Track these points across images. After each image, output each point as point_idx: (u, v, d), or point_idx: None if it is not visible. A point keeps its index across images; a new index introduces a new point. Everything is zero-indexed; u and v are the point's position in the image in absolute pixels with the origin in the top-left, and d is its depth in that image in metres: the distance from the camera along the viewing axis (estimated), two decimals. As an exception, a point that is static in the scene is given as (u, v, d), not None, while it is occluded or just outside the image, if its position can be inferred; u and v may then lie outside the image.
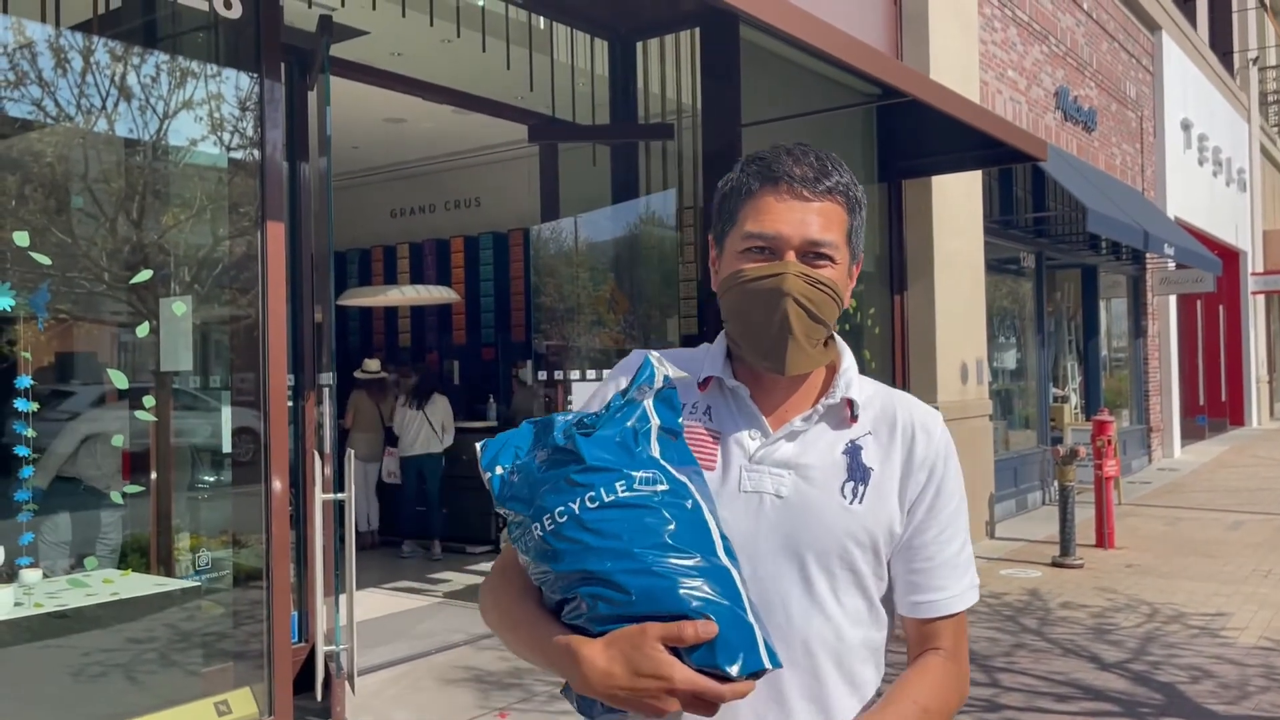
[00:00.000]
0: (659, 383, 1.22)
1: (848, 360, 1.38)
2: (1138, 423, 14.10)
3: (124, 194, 4.22)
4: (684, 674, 1.08)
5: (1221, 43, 18.77)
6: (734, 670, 1.08)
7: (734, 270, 1.31)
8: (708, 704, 1.10)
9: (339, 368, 4.80)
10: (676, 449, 1.21)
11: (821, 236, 1.28)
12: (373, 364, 8.37)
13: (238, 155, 4.23)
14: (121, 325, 4.10)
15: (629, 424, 1.18)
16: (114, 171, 4.25)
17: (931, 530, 1.34)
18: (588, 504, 1.12)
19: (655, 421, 1.20)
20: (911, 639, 1.37)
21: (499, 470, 1.20)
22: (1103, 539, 8.07)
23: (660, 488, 1.14)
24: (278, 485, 3.92)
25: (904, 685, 1.31)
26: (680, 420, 1.24)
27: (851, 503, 1.30)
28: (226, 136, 4.27)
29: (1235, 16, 19.64)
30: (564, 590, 1.15)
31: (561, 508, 1.12)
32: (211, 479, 4.32)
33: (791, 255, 1.28)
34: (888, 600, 1.36)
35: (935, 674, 1.32)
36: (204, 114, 4.17)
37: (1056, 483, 7.78)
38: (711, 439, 1.33)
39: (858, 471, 1.32)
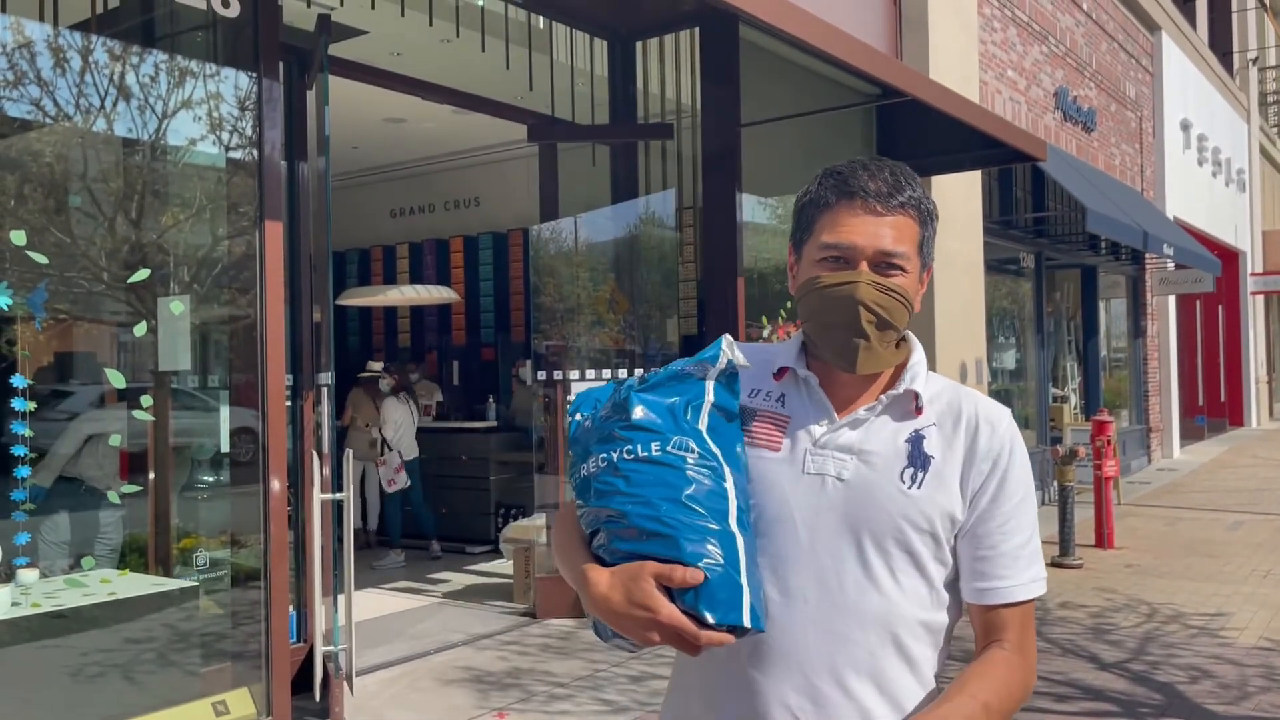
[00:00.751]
0: (722, 364, 1.36)
1: (917, 356, 1.46)
2: (1137, 423, 14.09)
3: (122, 193, 4.22)
4: (668, 611, 1.22)
5: (1221, 43, 18.77)
6: (710, 618, 1.22)
7: (811, 276, 1.40)
8: (688, 644, 1.24)
9: (338, 368, 4.79)
10: (726, 428, 1.35)
11: (894, 248, 1.37)
12: (376, 365, 8.36)
13: (236, 155, 4.23)
14: (120, 325, 4.09)
15: (684, 397, 1.33)
16: (112, 171, 4.24)
17: (995, 520, 1.39)
18: (624, 455, 1.29)
19: (710, 399, 1.34)
20: (978, 630, 1.42)
21: (577, 417, 1.38)
22: (1102, 539, 8.07)
23: (691, 455, 1.29)
24: (276, 485, 3.91)
25: (965, 680, 1.33)
26: (740, 403, 1.38)
27: (910, 488, 1.37)
28: (225, 136, 4.26)
29: (1235, 17, 19.65)
30: (592, 524, 1.32)
31: (604, 454, 1.30)
32: (210, 478, 4.32)
33: (864, 265, 1.36)
34: (954, 586, 1.42)
35: (998, 669, 1.36)
36: (202, 113, 4.17)
37: (1056, 483, 7.77)
38: (782, 424, 1.43)
39: (918, 459, 1.39)
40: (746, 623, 1.24)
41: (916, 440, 1.39)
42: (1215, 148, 16.88)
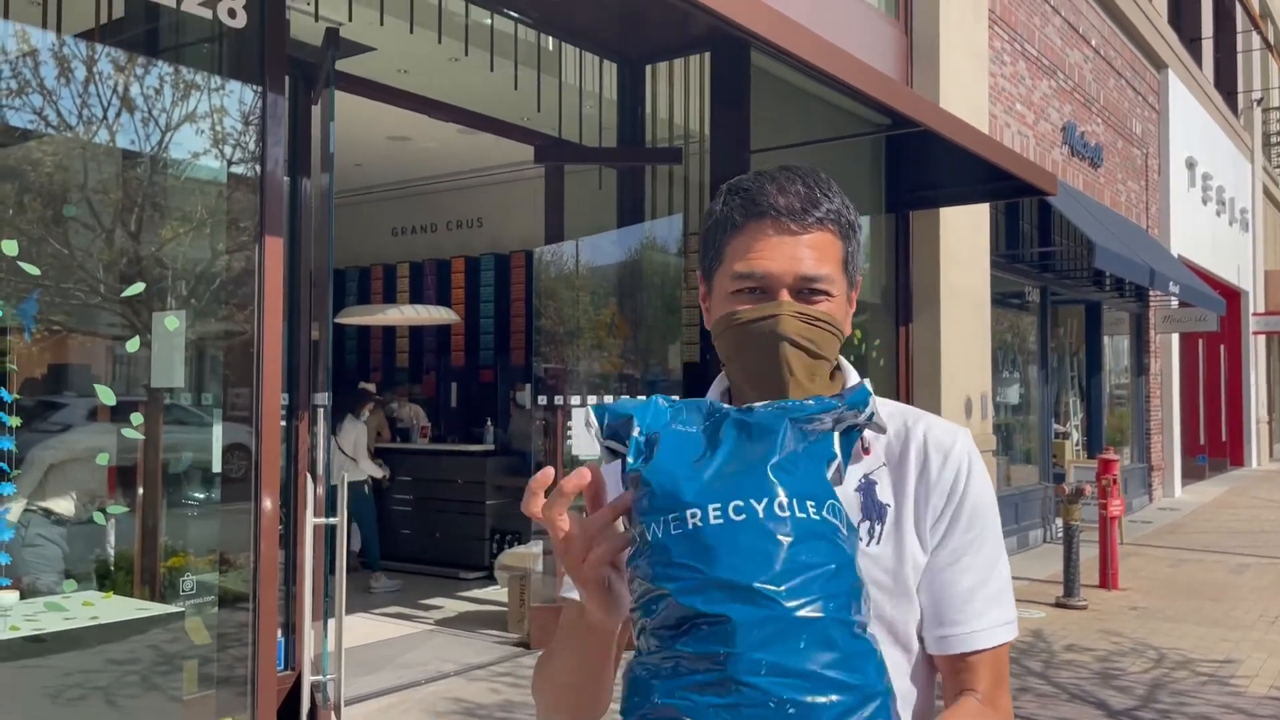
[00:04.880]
0: (864, 416, 0.97)
1: (854, 380, 1.29)
2: (1139, 461, 13.99)
3: (122, 205, 4.13)
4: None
5: (1226, 82, 18.83)
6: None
7: (727, 312, 1.23)
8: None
9: (334, 387, 4.68)
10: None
11: (816, 271, 1.21)
12: (368, 386, 8.25)
13: (238, 169, 4.15)
14: (114, 338, 4.00)
15: (818, 448, 0.94)
16: (112, 182, 4.16)
17: (947, 557, 1.23)
18: (777, 510, 0.86)
19: (839, 460, 0.96)
20: (946, 680, 1.25)
21: (635, 433, 0.93)
22: (1106, 580, 7.94)
23: (843, 526, 0.91)
24: (268, 507, 3.80)
25: None
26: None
27: (870, 544, 1.20)
28: (228, 150, 4.18)
29: (1240, 57, 19.72)
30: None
31: (741, 502, 0.86)
32: (200, 496, 4.20)
33: (785, 293, 1.20)
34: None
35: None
36: (205, 126, 4.09)
37: (1059, 521, 7.66)
38: None
39: (873, 509, 1.22)
40: None
41: (868, 488, 1.24)
42: (1219, 187, 16.88)
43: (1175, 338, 15.22)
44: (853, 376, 1.29)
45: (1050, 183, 7.14)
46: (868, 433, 1.14)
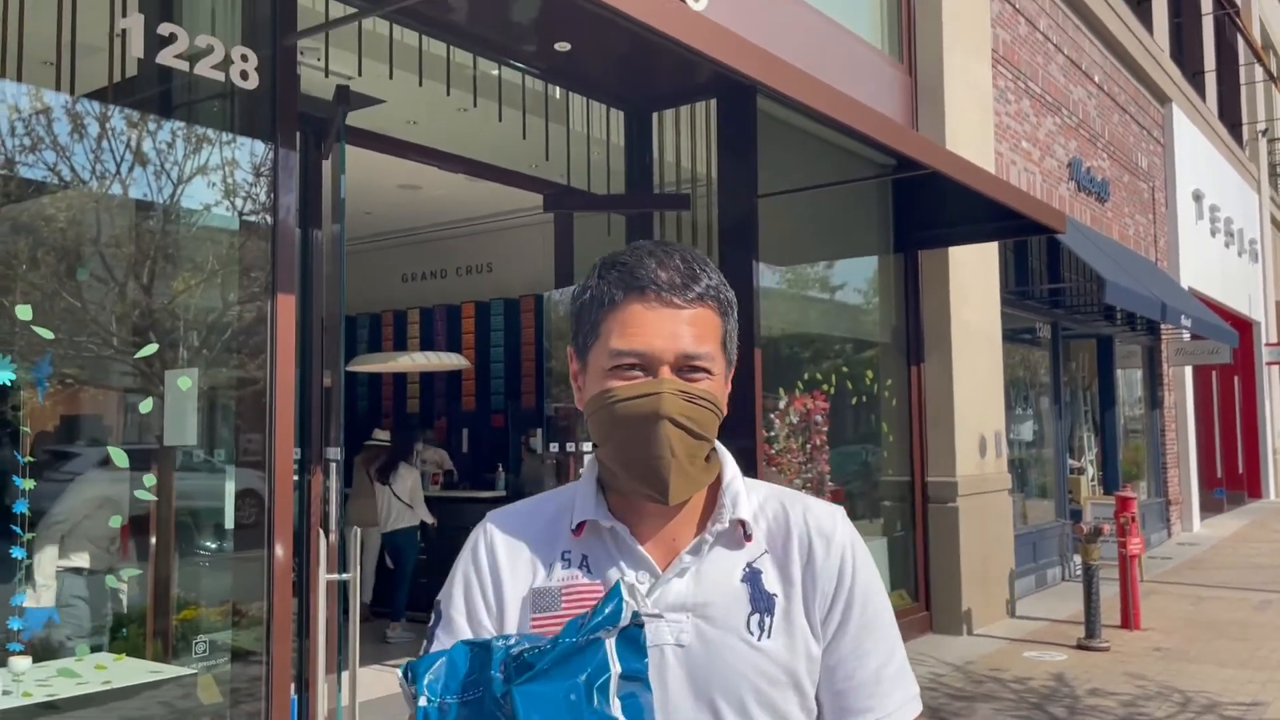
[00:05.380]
0: (626, 619, 1.05)
1: (731, 471, 1.26)
2: (1156, 495, 13.86)
3: (134, 259, 4.16)
4: None
5: (1230, 114, 18.89)
6: None
7: (603, 390, 1.19)
8: None
9: (348, 436, 4.68)
10: (636, 703, 1.04)
11: (697, 349, 1.18)
12: (383, 434, 8.24)
13: (250, 221, 4.17)
14: (127, 390, 4.00)
15: (584, 675, 1.00)
16: (125, 236, 4.19)
17: (847, 644, 1.21)
18: None
19: (616, 669, 1.02)
20: None
21: (423, 701, 1.03)
22: (1128, 620, 7.83)
23: None
24: (280, 561, 3.78)
25: None
26: (534, 586, 1.16)
27: (760, 638, 1.18)
28: (239, 202, 4.21)
29: (1244, 89, 19.80)
30: None
31: None
32: (213, 546, 4.18)
33: (666, 371, 1.17)
34: None
35: None
36: (217, 180, 4.12)
37: (1078, 558, 7.58)
38: (594, 593, 1.18)
39: (761, 601, 1.20)
40: None
41: (753, 578, 1.20)
42: (1227, 218, 16.88)
43: (1188, 370, 15.14)
44: (730, 465, 1.27)
45: (1059, 221, 7.14)
46: (748, 518, 1.23)
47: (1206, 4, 16.78)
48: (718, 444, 1.26)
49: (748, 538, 1.23)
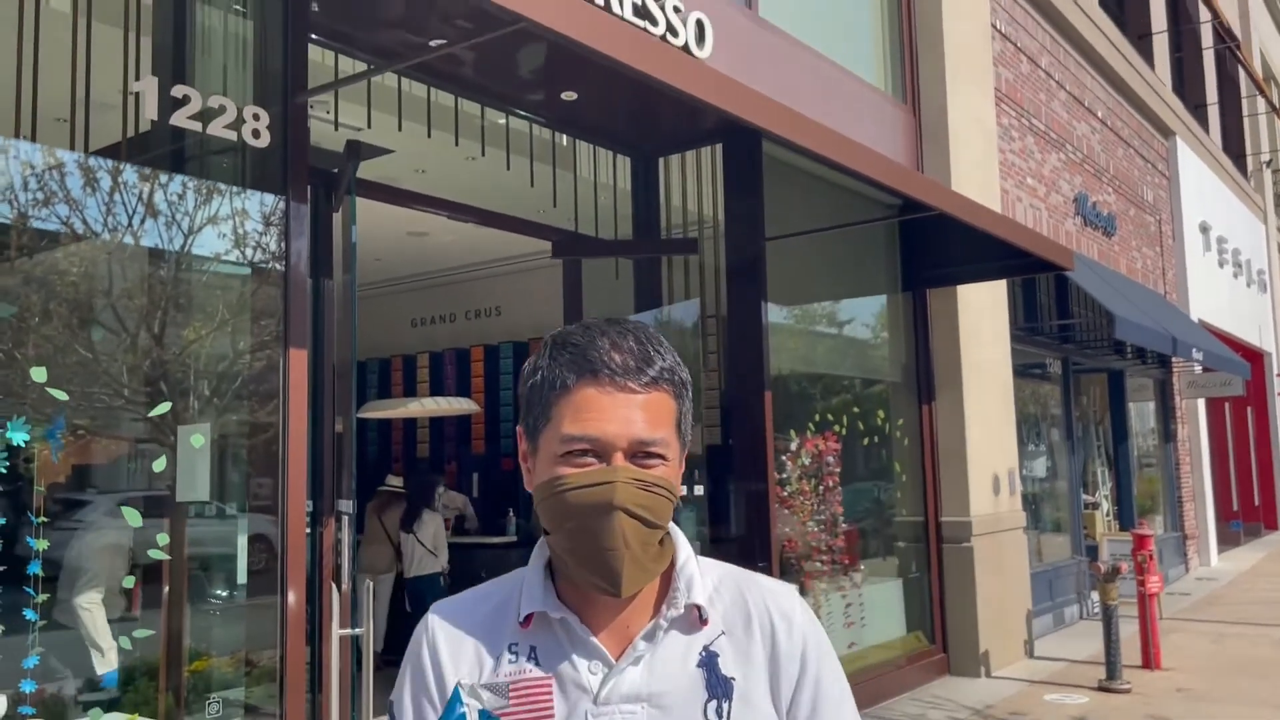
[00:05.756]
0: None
1: (684, 553, 1.23)
2: (1172, 530, 13.73)
3: (146, 310, 4.18)
4: None
5: (1234, 146, 18.94)
6: None
7: (553, 476, 1.15)
8: None
9: (359, 480, 4.67)
10: None
11: (652, 434, 1.15)
12: (395, 480, 8.23)
13: (262, 273, 4.20)
14: (139, 441, 4.01)
15: None
16: (137, 288, 4.22)
17: None
18: None
19: None
20: None
21: None
22: (1149, 660, 7.72)
23: None
24: (293, 612, 3.76)
25: None
26: (483, 680, 1.14)
27: None
28: (251, 253, 4.24)
29: (1246, 121, 19.87)
30: None
31: None
32: (225, 595, 4.16)
33: (619, 457, 1.14)
34: None
35: None
36: (229, 232, 4.15)
37: (1095, 596, 7.49)
38: (544, 689, 1.15)
39: (718, 686, 1.17)
40: None
41: (710, 662, 1.18)
42: (1235, 249, 16.87)
43: (1201, 402, 15.06)
44: (683, 547, 1.24)
45: (1067, 258, 7.14)
46: (704, 602, 1.21)
47: (1207, 38, 16.89)
48: (674, 528, 1.24)
49: (703, 621, 1.20)
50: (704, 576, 1.23)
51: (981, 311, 8.29)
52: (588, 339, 1.17)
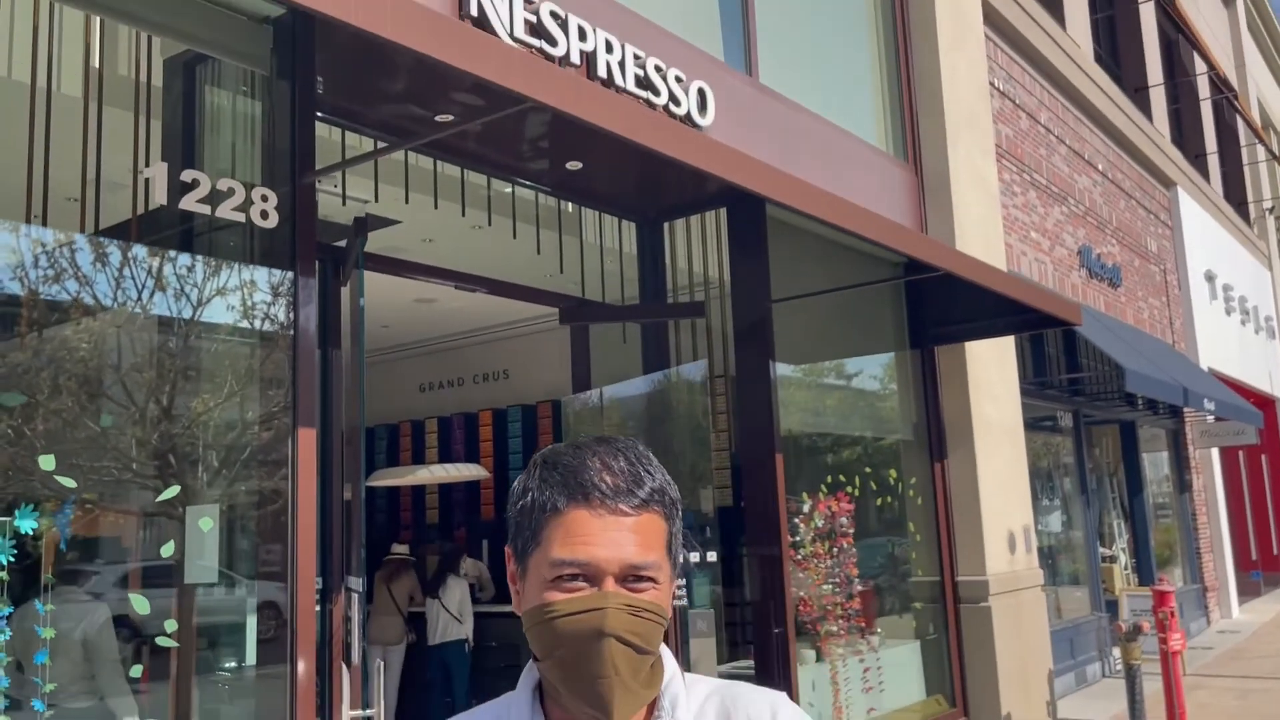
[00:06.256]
0: None
1: (669, 670, 1.22)
2: (1192, 582, 13.55)
3: (154, 384, 4.19)
4: None
5: (1235, 193, 19.03)
6: None
7: (543, 602, 1.14)
8: None
9: (368, 549, 4.63)
10: None
11: (643, 559, 1.14)
12: (401, 548, 8.18)
13: (269, 344, 4.20)
14: (146, 514, 3.99)
15: None
16: (145, 362, 4.22)
17: None
18: None
19: None
20: None
21: None
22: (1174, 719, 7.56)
23: None
24: (303, 686, 3.70)
25: None
26: None
27: None
28: (258, 325, 4.25)
29: (1247, 169, 19.99)
30: None
31: None
32: (233, 666, 4.10)
33: (610, 582, 1.13)
34: None
35: None
36: (237, 304, 4.17)
37: (1117, 653, 7.36)
38: None
39: None
40: None
41: None
42: (1241, 296, 16.87)
43: (1215, 451, 14.94)
44: (669, 664, 1.22)
45: (1074, 314, 7.13)
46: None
47: (1204, 89, 17.06)
48: (665, 650, 1.23)
49: None
50: (689, 693, 1.22)
51: (990, 366, 8.27)
52: (578, 460, 1.16)
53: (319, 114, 4.20)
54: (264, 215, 3.64)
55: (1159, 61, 14.93)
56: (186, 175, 3.47)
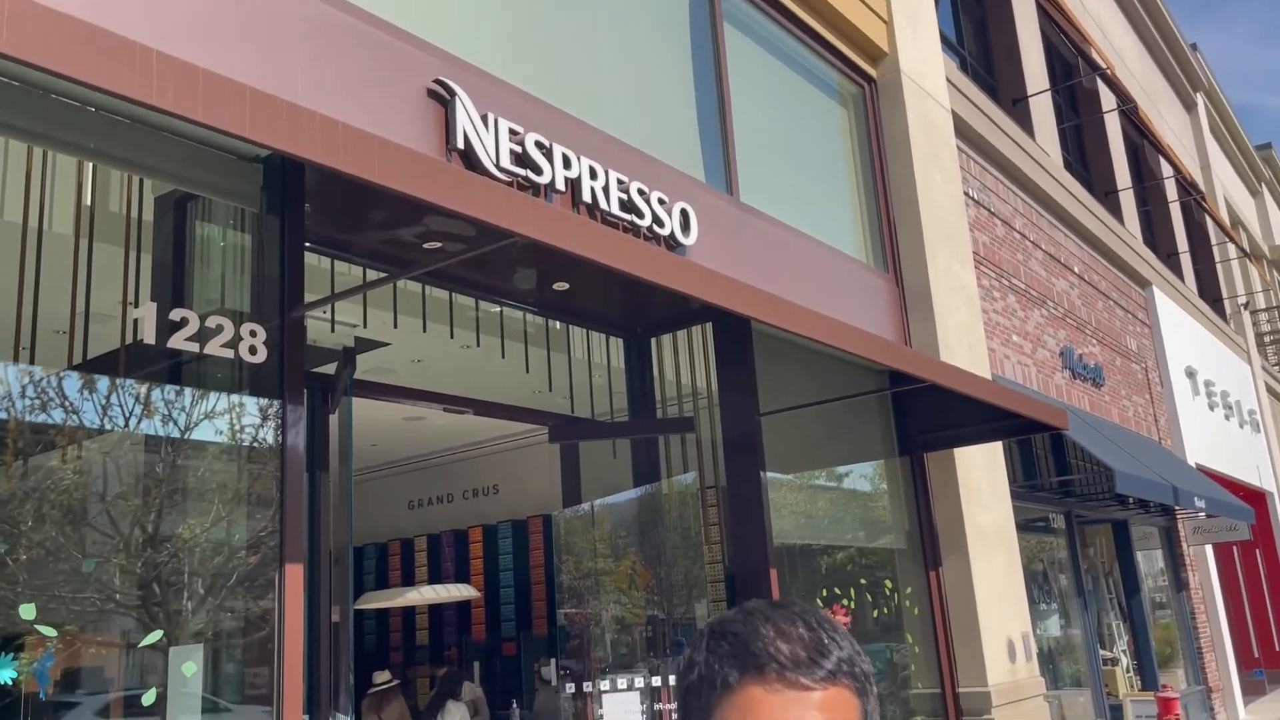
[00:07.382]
0: None
1: None
2: (1195, 683, 13.30)
3: (139, 511, 4.14)
4: None
5: (1210, 290, 19.38)
6: None
7: None
8: None
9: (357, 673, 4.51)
10: None
11: None
12: (382, 676, 7.99)
13: (256, 473, 4.18)
14: (129, 645, 3.90)
15: None
16: (130, 490, 4.18)
17: None
18: None
19: None
20: None
21: None
22: (1188, 834, 7.34)
23: None
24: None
25: None
26: None
27: None
28: (246, 451, 4.23)
29: (1220, 267, 20.41)
30: None
31: None
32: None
33: None
34: None
35: None
36: (225, 429, 4.16)
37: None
38: None
39: None
40: None
41: None
42: (1223, 391, 17.01)
43: (1209, 548, 14.86)
44: None
45: (1061, 419, 7.17)
46: None
47: (1172, 191, 17.53)
48: None
49: None
50: None
51: (980, 472, 8.26)
52: (750, 627, 1.04)
53: (307, 244, 4.27)
54: (252, 350, 3.66)
55: (1126, 166, 15.37)
56: (175, 314, 3.50)
